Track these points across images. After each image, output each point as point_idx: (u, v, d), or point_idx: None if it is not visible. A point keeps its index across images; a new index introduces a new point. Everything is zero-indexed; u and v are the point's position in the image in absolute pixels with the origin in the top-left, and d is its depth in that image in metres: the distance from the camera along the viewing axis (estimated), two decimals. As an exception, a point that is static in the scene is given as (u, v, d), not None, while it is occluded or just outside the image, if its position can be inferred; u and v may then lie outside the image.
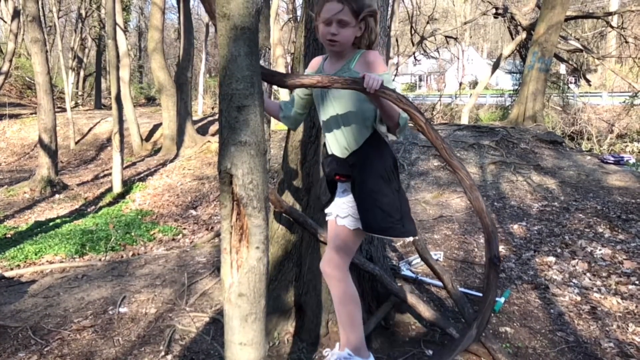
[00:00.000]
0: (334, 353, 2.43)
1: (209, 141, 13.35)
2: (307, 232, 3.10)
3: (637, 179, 7.43)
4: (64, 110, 18.91)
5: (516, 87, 19.02)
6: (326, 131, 2.32)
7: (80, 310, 3.69)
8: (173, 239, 7.11)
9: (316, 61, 2.39)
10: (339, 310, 2.35)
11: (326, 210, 2.43)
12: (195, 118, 17.46)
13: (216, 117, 20.21)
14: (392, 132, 2.16)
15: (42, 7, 18.67)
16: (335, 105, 2.23)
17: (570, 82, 21.85)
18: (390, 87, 2.08)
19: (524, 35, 15.28)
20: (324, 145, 2.41)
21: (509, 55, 17.64)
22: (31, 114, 18.58)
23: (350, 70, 2.18)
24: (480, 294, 3.76)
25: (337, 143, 2.27)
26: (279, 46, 18.29)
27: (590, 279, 4.15)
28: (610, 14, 15.42)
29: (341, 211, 2.29)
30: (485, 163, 8.40)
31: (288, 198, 3.32)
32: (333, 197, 2.39)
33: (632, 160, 9.51)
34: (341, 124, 2.23)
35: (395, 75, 21.33)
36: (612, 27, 15.94)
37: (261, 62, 1.85)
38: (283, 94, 17.48)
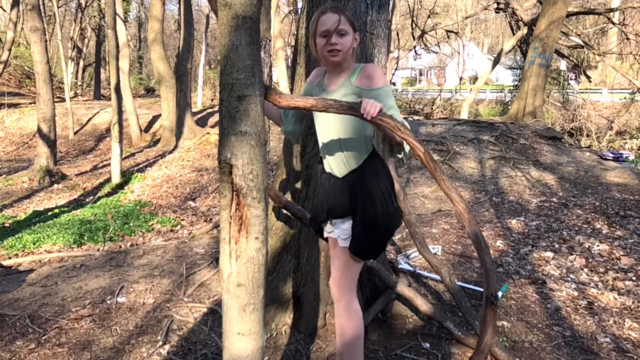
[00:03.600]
0: None
1: (208, 133, 13.32)
2: (305, 226, 3.10)
3: (636, 176, 7.44)
4: (63, 100, 18.86)
5: (516, 82, 19.00)
6: (325, 151, 2.29)
7: (78, 299, 3.69)
8: (171, 230, 7.11)
9: (317, 73, 2.37)
10: (343, 338, 2.32)
11: (325, 229, 2.39)
12: (194, 110, 17.41)
13: (215, 109, 20.18)
14: (396, 152, 2.13)
15: (42, -4, 18.55)
16: (336, 126, 2.21)
17: (571, 79, 21.82)
18: (389, 98, 2.08)
19: (525, 30, 15.22)
20: (321, 160, 2.38)
21: (510, 51, 17.58)
22: (30, 103, 18.53)
23: (351, 85, 2.16)
24: (479, 289, 3.77)
25: (336, 163, 2.25)
26: (280, 38, 18.22)
27: (587, 275, 4.16)
28: (612, 10, 15.37)
29: (344, 234, 2.26)
30: (484, 158, 8.40)
31: (287, 189, 3.32)
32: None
33: (631, 157, 9.51)
34: (342, 145, 2.21)
35: (396, 69, 21.31)
36: (613, 23, 15.89)
37: (262, 54, 1.84)
38: (283, 86, 17.44)
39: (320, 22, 2.15)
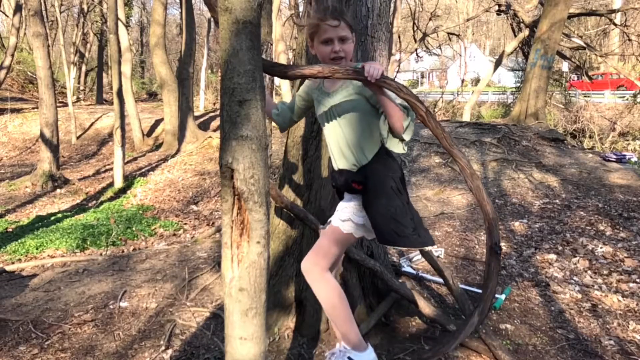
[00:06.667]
0: (333, 352, 2.41)
1: (210, 136, 13.35)
2: (307, 228, 3.10)
3: (639, 177, 7.41)
4: (65, 105, 18.91)
5: (518, 84, 18.98)
6: (333, 149, 2.27)
7: (81, 304, 3.69)
8: (174, 234, 7.11)
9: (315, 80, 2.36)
10: (324, 309, 2.31)
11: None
12: (196, 113, 17.45)
13: (217, 112, 20.20)
14: (400, 135, 2.10)
15: (44, 2, 18.67)
16: (341, 124, 2.20)
17: (573, 80, 21.79)
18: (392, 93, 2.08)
19: (526, 32, 15.22)
20: (329, 159, 2.38)
21: (512, 53, 17.59)
22: (33, 108, 18.58)
23: (352, 85, 2.16)
24: (481, 291, 3.76)
25: (345, 160, 2.23)
26: (281, 42, 18.23)
27: (591, 277, 4.15)
28: (614, 11, 15.37)
29: (342, 214, 2.25)
30: (486, 160, 8.38)
31: (289, 193, 3.32)
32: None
33: (634, 159, 9.48)
34: (349, 142, 2.20)
35: (397, 72, 21.30)
36: (615, 24, 15.88)
37: (263, 58, 1.84)
38: (284, 91, 17.45)
39: (321, 29, 2.14)
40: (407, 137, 2.10)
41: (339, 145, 2.23)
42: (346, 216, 2.23)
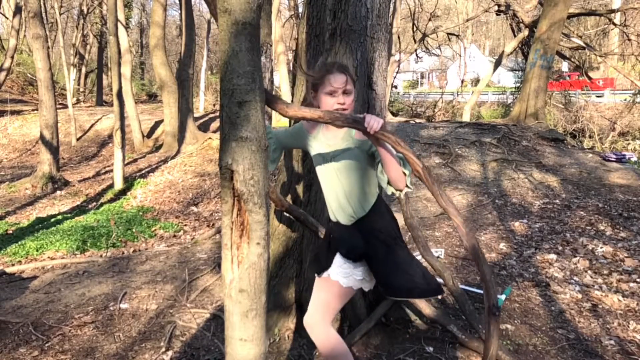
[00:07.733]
0: None
1: (210, 138, 13.35)
2: (308, 230, 3.10)
3: (639, 177, 7.41)
4: (65, 106, 18.92)
5: (518, 84, 19.00)
6: (330, 200, 2.26)
7: (81, 306, 3.69)
8: (174, 236, 7.11)
9: (313, 124, 2.32)
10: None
11: (327, 271, 2.31)
12: (196, 115, 17.47)
13: (217, 113, 20.22)
14: (398, 184, 2.08)
15: (44, 3, 18.68)
16: (339, 176, 2.19)
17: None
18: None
19: (526, 32, 15.23)
20: (325, 207, 2.35)
21: (511, 53, 17.60)
22: (33, 110, 18.60)
23: (352, 138, 2.16)
24: (482, 291, 3.76)
25: (342, 212, 2.23)
26: (281, 43, 18.26)
27: (591, 277, 4.14)
28: (613, 11, 15.37)
29: (343, 271, 2.22)
30: (486, 160, 8.38)
31: (289, 195, 3.32)
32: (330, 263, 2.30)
33: (634, 158, 9.49)
34: (346, 194, 2.19)
35: (397, 72, 21.32)
36: (614, 24, 15.88)
37: (263, 59, 1.84)
38: (284, 90, 17.46)
39: (328, 80, 2.14)
40: (409, 182, 2.10)
41: (337, 197, 2.22)
42: (347, 273, 2.21)
